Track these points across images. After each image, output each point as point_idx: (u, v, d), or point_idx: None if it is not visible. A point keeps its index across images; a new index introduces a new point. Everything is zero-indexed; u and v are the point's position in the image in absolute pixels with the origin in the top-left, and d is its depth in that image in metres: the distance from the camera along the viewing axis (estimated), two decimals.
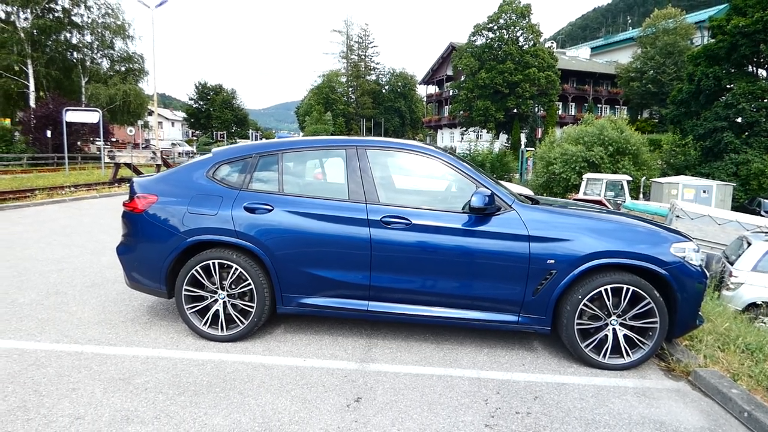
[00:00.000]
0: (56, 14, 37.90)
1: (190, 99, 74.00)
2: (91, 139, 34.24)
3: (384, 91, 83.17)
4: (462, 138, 48.11)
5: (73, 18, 39.08)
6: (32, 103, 34.37)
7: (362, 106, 78.69)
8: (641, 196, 18.19)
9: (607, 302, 3.36)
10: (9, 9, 36.13)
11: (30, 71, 35.35)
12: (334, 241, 3.53)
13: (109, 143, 31.39)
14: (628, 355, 3.41)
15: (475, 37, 43.95)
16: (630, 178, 17.22)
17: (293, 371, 3.22)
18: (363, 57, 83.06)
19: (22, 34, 35.44)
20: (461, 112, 46.31)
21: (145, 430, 2.49)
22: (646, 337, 3.41)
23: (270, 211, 3.61)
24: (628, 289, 3.33)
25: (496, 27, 42.73)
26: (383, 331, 3.98)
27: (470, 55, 43.06)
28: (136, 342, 3.61)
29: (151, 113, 44.26)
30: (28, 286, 4.90)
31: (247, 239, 3.58)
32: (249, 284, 3.61)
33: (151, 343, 3.60)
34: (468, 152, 28.95)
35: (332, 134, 63.90)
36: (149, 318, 4.13)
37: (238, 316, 3.67)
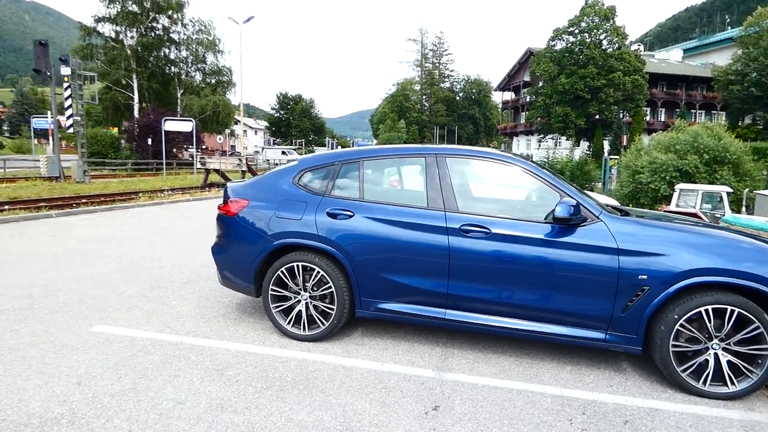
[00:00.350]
0: (157, 32, 41.76)
1: (272, 108, 78.28)
2: (185, 146, 37.20)
3: (458, 98, 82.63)
4: (539, 145, 46.49)
5: (171, 35, 42.84)
6: (136, 113, 38.09)
7: (436, 114, 78.68)
8: (743, 209, 16.46)
9: (708, 324, 3.10)
10: (118, 29, 40.36)
11: (135, 85, 39.20)
12: (413, 248, 3.57)
13: (200, 150, 33.96)
14: (732, 383, 3.11)
15: (554, 42, 42.41)
16: (730, 190, 15.65)
17: (371, 374, 3.29)
18: (437, 65, 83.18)
19: (129, 51, 39.43)
20: (539, 118, 44.80)
21: (238, 419, 2.67)
22: (755, 365, 3.09)
23: (351, 217, 3.73)
24: (732, 311, 3.05)
25: (577, 30, 40.95)
26: (459, 340, 3.95)
27: (549, 60, 41.59)
28: (227, 336, 3.88)
29: (237, 122, 47.32)
30: (135, 280, 5.43)
31: (328, 243, 3.72)
32: (330, 287, 3.74)
33: (240, 338, 3.84)
34: (546, 160, 27.88)
35: (405, 142, 64.44)
36: (238, 314, 4.41)
37: (319, 317, 3.82)
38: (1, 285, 5.05)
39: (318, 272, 3.76)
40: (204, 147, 44.12)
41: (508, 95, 64.53)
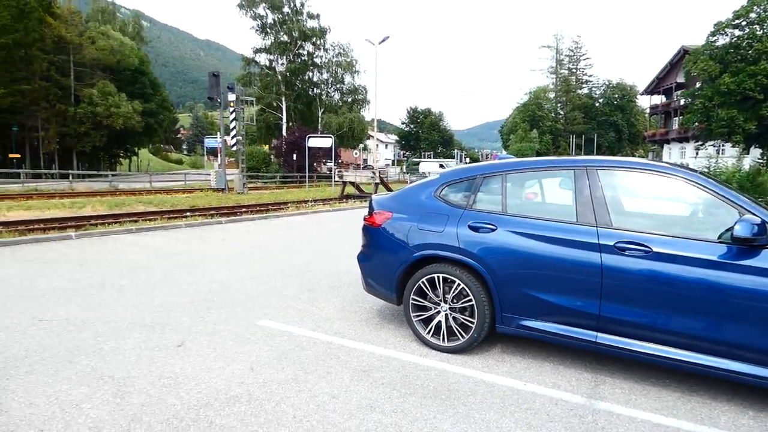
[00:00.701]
0: (303, 58, 46.18)
1: (402, 123, 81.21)
2: (323, 161, 40.35)
3: (597, 104, 76.82)
4: (696, 153, 40.78)
5: (314, 60, 47.01)
6: (284, 131, 42.44)
7: (572, 122, 74.09)
8: None
9: None
10: (271, 57, 45.56)
11: (283, 106, 43.75)
12: (561, 264, 3.42)
13: (336, 164, 36.56)
14: None
15: (715, 38, 36.96)
16: None
17: (514, 393, 3.22)
18: (574, 70, 78.49)
19: (279, 77, 44.18)
20: (696, 123, 39.35)
21: (386, 420, 2.83)
22: None
23: (493, 230, 3.70)
24: None
25: (744, 23, 35.14)
26: (611, 367, 3.66)
27: (708, 57, 36.36)
28: (371, 340, 4.12)
29: (370, 137, 50.03)
30: (289, 282, 6.06)
31: (470, 256, 3.74)
32: (470, 300, 3.75)
33: (383, 343, 4.05)
34: (706, 169, 24.35)
35: (537, 152, 61.66)
36: (379, 320, 4.65)
37: (459, 329, 3.85)
38: (190, 280, 6.04)
39: (458, 284, 3.80)
40: (340, 161, 47.32)
41: (657, 99, 57.92)
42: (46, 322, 4.29)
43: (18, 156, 39.04)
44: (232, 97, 21.85)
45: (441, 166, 41.22)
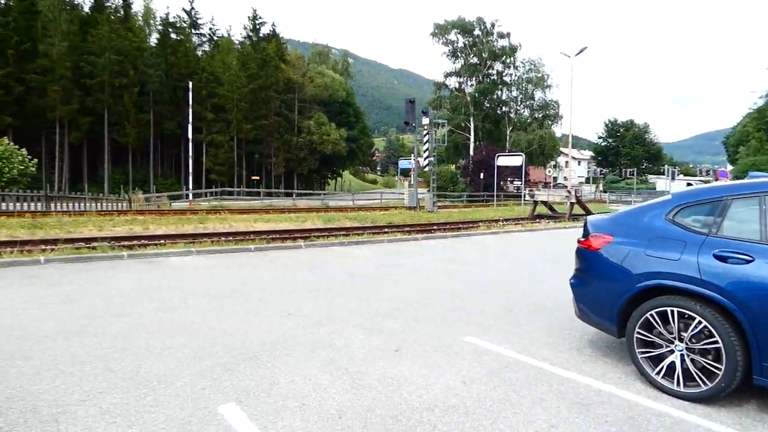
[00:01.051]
0: (492, 78, 46.38)
1: (598, 137, 74.57)
2: (510, 179, 39.55)
3: None
4: None
5: (504, 78, 46.76)
6: (471, 151, 43.04)
7: None
8: None
9: None
10: (461, 80, 46.94)
11: (471, 126, 44.47)
12: None
13: (526, 183, 35.44)
14: None
15: None
16: None
17: None
18: None
19: (468, 98, 45.14)
20: None
21: None
22: None
23: (749, 262, 3.13)
24: None
25: None
26: None
27: None
28: (586, 372, 3.84)
29: (561, 154, 47.24)
30: (488, 300, 6.08)
31: (716, 290, 3.22)
32: (716, 342, 3.21)
33: (600, 377, 3.73)
34: None
35: None
36: (592, 351, 4.31)
37: (699, 374, 3.32)
38: (396, 290, 6.57)
39: (699, 322, 3.29)
40: (528, 179, 45.75)
41: None
42: (292, 316, 5.18)
43: (257, 178, 48.35)
44: (425, 120, 23.18)
45: (689, 184, 36.19)
